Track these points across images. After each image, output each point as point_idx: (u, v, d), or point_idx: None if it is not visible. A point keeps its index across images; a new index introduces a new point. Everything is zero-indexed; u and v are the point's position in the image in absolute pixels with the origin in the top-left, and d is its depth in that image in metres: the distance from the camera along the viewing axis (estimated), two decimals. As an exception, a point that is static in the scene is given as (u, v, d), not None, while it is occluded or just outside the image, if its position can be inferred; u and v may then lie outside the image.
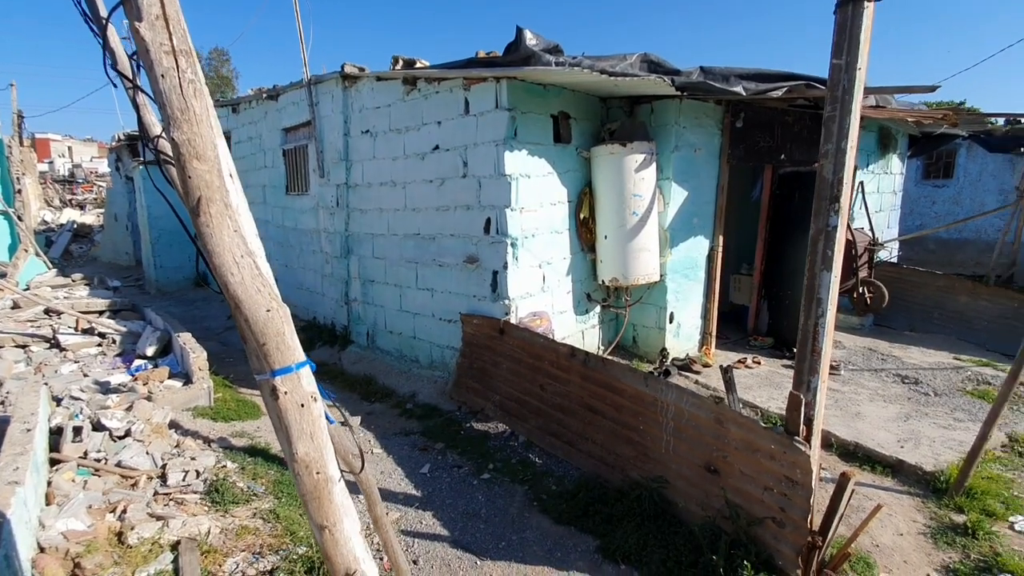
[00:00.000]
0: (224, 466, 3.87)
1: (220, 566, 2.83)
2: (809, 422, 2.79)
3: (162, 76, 1.25)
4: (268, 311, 1.38)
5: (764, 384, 5.43)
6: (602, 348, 6.11)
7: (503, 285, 4.97)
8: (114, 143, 13.81)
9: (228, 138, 9.56)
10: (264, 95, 7.85)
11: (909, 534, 3.33)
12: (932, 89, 4.75)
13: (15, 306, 7.04)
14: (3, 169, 11.40)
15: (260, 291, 1.39)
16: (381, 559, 2.88)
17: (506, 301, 4.97)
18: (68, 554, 2.60)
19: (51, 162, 34.11)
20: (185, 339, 5.47)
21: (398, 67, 5.96)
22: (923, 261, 9.92)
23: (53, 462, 3.48)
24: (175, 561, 2.77)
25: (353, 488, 1.91)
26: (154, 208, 10.70)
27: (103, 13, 1.63)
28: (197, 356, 5.07)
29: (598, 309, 6.01)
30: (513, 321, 4.96)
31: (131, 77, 1.54)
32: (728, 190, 6.10)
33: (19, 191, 11.37)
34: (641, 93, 5.36)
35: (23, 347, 5.94)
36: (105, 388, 4.81)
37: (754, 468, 2.93)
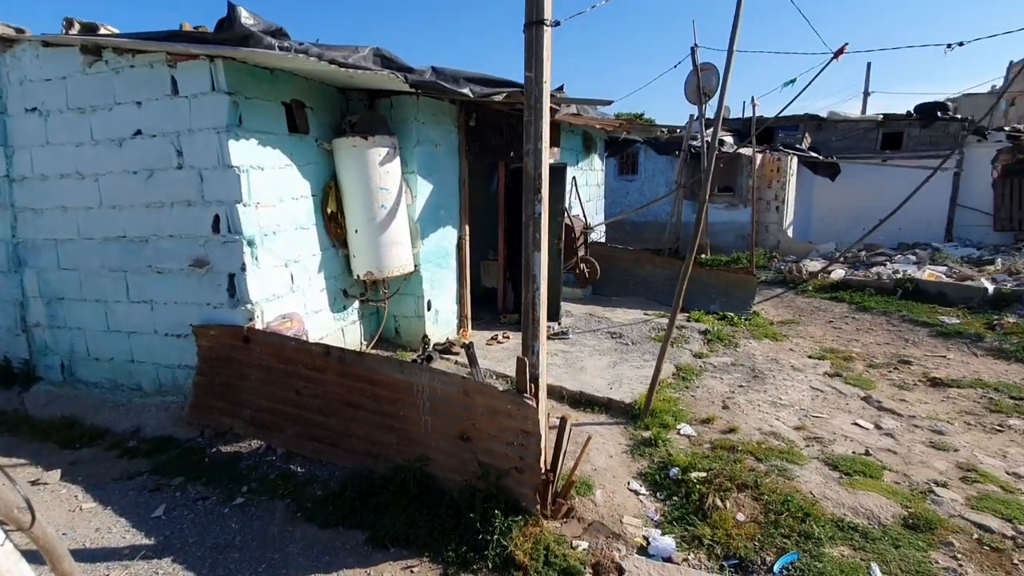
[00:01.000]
0: None
1: None
2: (536, 379, 3.29)
3: None
4: None
5: (511, 355, 6.13)
6: (365, 343, 6.06)
7: (243, 289, 4.51)
8: None
9: None
10: None
11: (616, 455, 4.22)
12: (609, 103, 5.97)
13: None
14: None
15: None
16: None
17: (248, 306, 4.52)
18: None
19: None
20: None
21: (73, 31, 4.79)
22: (622, 240, 12.43)
23: None
24: None
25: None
26: None
27: None
28: None
29: (357, 304, 5.93)
30: (259, 327, 4.55)
31: None
32: (469, 183, 6.64)
33: None
34: (379, 87, 5.41)
35: None
36: None
37: (497, 428, 3.33)
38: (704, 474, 3.83)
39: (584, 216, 7.40)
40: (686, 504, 3.61)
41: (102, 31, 4.80)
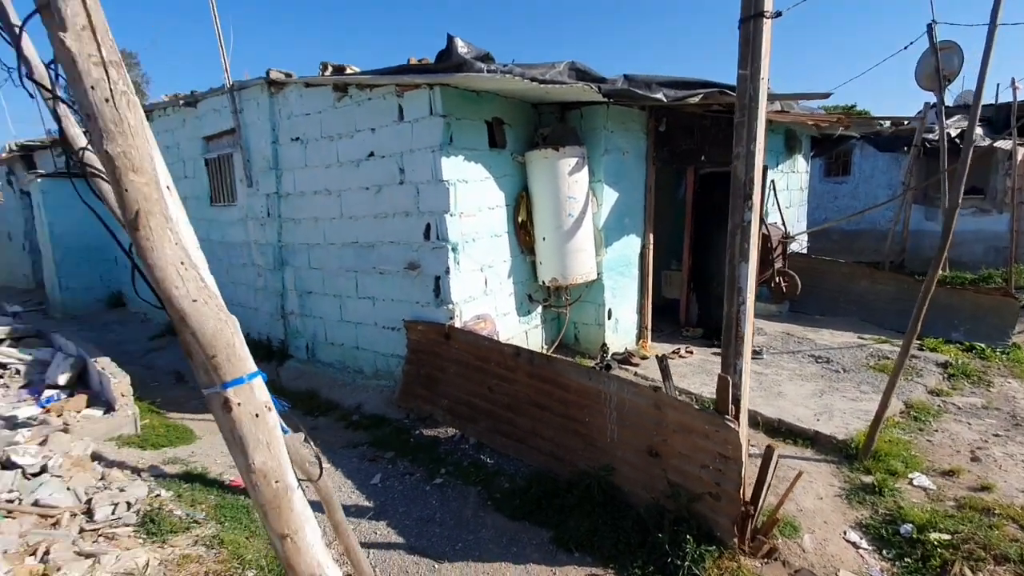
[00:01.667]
0: (158, 495, 3.65)
1: (162, 599, 2.68)
2: (737, 401, 3.03)
3: (92, 88, 1.22)
4: (216, 322, 1.37)
5: (696, 372, 5.78)
6: (545, 347, 6.26)
7: (446, 290, 5.00)
8: (4, 154, 12.51)
9: (141, 148, 8.96)
10: (181, 101, 7.44)
11: (827, 497, 3.68)
12: (826, 96, 5.27)
13: None
14: None
15: (207, 303, 1.37)
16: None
17: (450, 306, 5.00)
18: (-15, 604, 2.38)
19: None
20: (103, 364, 5.08)
21: (327, 73, 5.85)
22: (828, 251, 10.87)
23: (-44, 508, 3.15)
24: (111, 598, 2.60)
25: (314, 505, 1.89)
26: (57, 225, 9.83)
27: (15, 21, 1.54)
28: (119, 382, 4.74)
29: (540, 309, 6.16)
30: (458, 325, 5.00)
31: (50, 87, 1.47)
32: (655, 190, 6.45)
33: None
34: (571, 99, 5.56)
35: (-94, 385, 5.30)
36: (12, 423, 4.39)
37: (691, 448, 3.15)
38: (948, 537, 3.14)
39: (783, 224, 6.67)
40: (922, 569, 3.00)
41: (348, 71, 5.76)
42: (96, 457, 4.10)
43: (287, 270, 6.45)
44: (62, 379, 5.22)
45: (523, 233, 5.78)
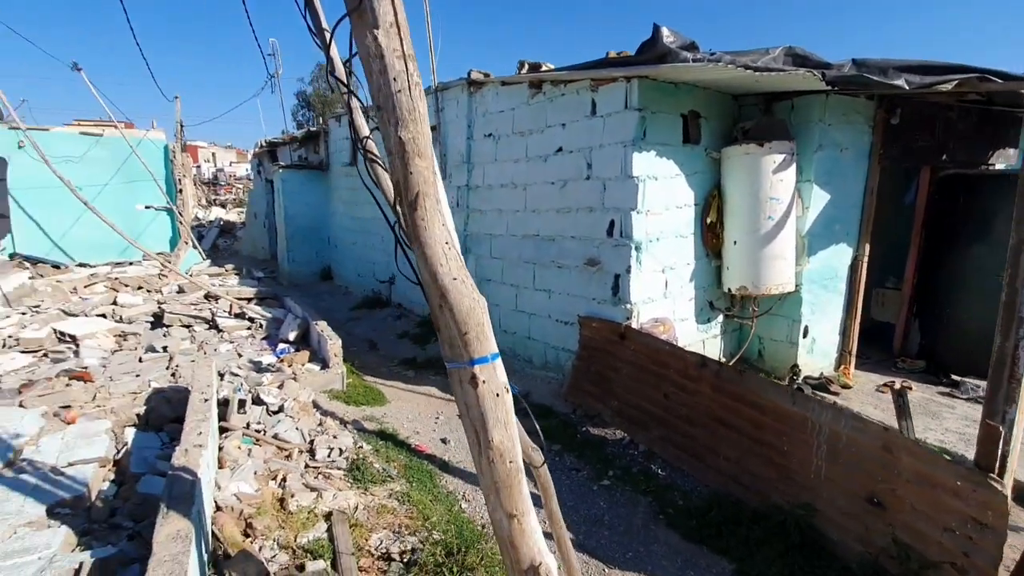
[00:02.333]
0: (361, 447, 4.15)
1: (366, 540, 3.02)
2: (1004, 457, 2.43)
3: (394, 79, 1.34)
4: (471, 301, 1.44)
5: (918, 412, 4.83)
6: (723, 359, 5.78)
7: (625, 289, 4.88)
8: (256, 149, 15.44)
9: (354, 142, 10.32)
10: (392, 102, 8.35)
11: None
12: None
13: (180, 290, 8.09)
14: (168, 172, 13.16)
15: (464, 281, 1.45)
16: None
17: (627, 305, 4.86)
18: (242, 514, 2.91)
19: (198, 166, 38.73)
20: (322, 327, 5.95)
21: (524, 71, 6.07)
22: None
23: (222, 430, 3.93)
24: (329, 530, 3.00)
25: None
26: (290, 208, 11.80)
27: (326, 26, 1.81)
28: (333, 343, 5.50)
29: (721, 318, 5.70)
30: (634, 326, 4.84)
31: (346, 82, 1.68)
32: (877, 193, 5.53)
33: (180, 191, 13.06)
34: (783, 89, 5.01)
35: (188, 327, 6.80)
36: (258, 367, 5.37)
37: (931, 505, 2.60)
38: None
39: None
40: None
41: (543, 68, 5.91)
42: (315, 405, 4.81)
43: (469, 258, 6.88)
44: (291, 335, 6.24)
45: (710, 235, 5.38)
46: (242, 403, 4.11)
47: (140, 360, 5.66)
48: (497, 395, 1.46)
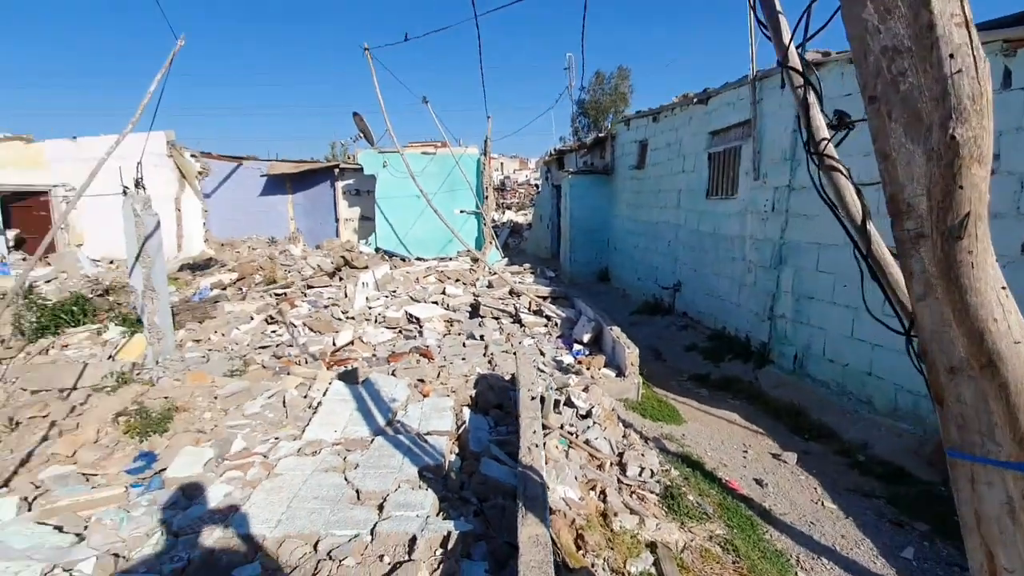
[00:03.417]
0: (668, 470, 3.89)
1: (696, 588, 2.72)
2: None
3: (950, 56, 0.95)
4: (1041, 378, 0.95)
5: None
6: None
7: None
8: (546, 157, 16.85)
9: (645, 146, 10.18)
10: (694, 99, 7.89)
11: None
12: None
13: (489, 285, 9.22)
14: (478, 181, 15.37)
15: (1029, 347, 0.97)
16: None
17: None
18: (573, 523, 2.92)
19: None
20: (616, 333, 5.93)
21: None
22: None
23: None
24: (656, 565, 2.80)
25: None
26: (575, 211, 12.44)
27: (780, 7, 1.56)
28: (631, 352, 5.39)
29: None
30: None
31: (803, 73, 1.37)
32: None
33: (486, 198, 15.13)
34: None
35: (497, 319, 7.65)
36: (560, 366, 5.63)
37: None
38: None
39: None
40: None
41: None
42: (613, 413, 4.77)
43: (784, 270, 5.97)
44: (585, 337, 6.41)
45: None
46: (556, 403, 4.28)
47: (464, 345, 6.57)
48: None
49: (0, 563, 2.52)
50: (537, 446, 3.14)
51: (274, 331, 7.04)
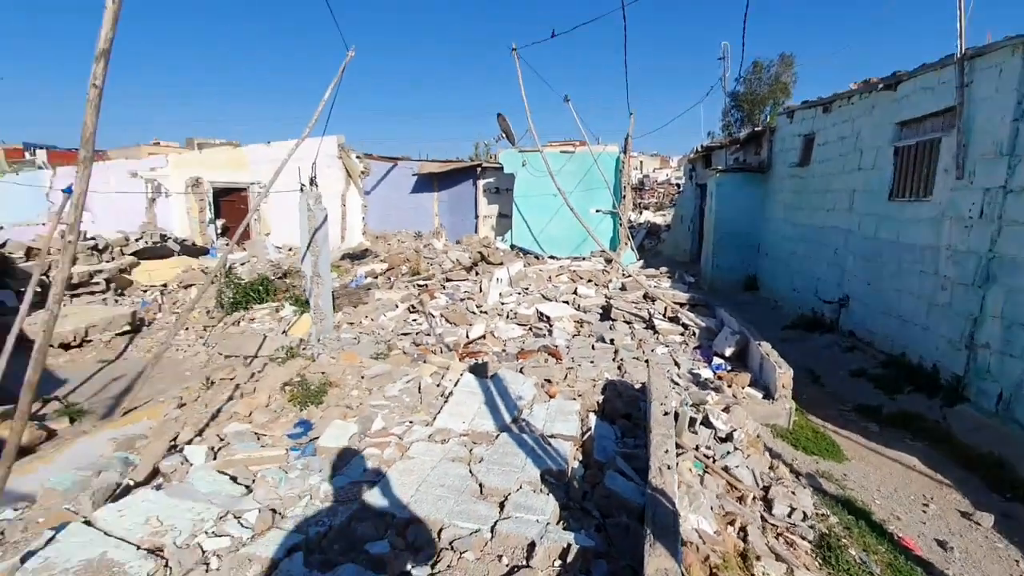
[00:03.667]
0: (824, 515, 3.36)
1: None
2: None
3: None
4: None
5: None
6: None
7: None
8: (692, 155, 15.87)
9: (810, 140, 9.06)
10: (879, 85, 6.79)
11: None
12: None
13: (622, 288, 8.91)
14: (616, 180, 14.97)
15: None
16: None
17: None
18: (707, 560, 2.64)
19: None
20: (766, 349, 5.32)
21: None
22: None
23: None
24: (805, 625, 2.42)
25: None
26: (721, 212, 11.52)
27: None
28: (783, 372, 4.80)
29: None
30: None
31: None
32: None
33: (624, 197, 14.68)
34: None
35: (628, 323, 7.35)
36: (697, 380, 5.22)
37: None
38: None
39: None
40: None
41: None
42: (758, 439, 4.27)
43: (992, 289, 4.86)
44: (728, 351, 5.87)
45: None
46: (692, 421, 3.95)
47: (593, 348, 6.41)
48: None
49: (188, 502, 2.98)
50: (669, 468, 2.90)
51: (415, 319, 7.53)
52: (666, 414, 3.58)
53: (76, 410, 5.25)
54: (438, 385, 4.88)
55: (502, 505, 3.02)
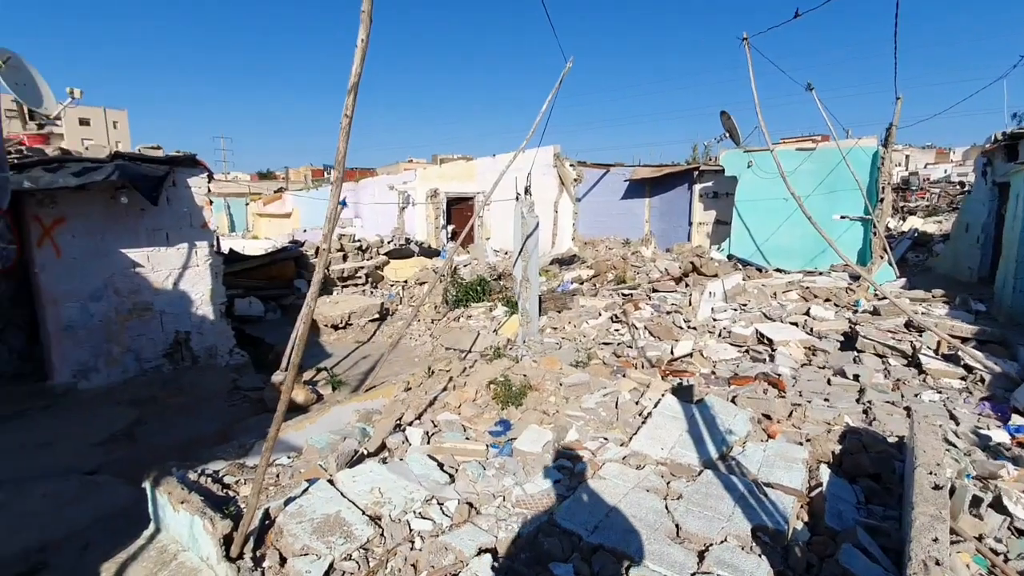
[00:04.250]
0: None
1: None
2: None
3: None
4: None
5: None
6: None
7: None
8: (988, 145, 12.27)
9: None
10: None
11: None
12: None
13: (874, 311, 7.31)
14: (872, 180, 12.39)
15: None
16: None
17: None
18: None
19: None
20: None
21: None
22: None
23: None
24: None
25: None
26: (1034, 220, 8.62)
27: None
28: None
29: None
30: None
31: None
32: None
33: (881, 200, 12.08)
34: None
35: (882, 356, 5.97)
36: (985, 445, 3.93)
37: None
38: None
39: None
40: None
41: None
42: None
43: None
44: (1039, 411, 4.30)
45: None
46: (977, 501, 2.96)
47: (828, 382, 5.36)
48: None
49: (403, 480, 3.34)
50: (939, 563, 2.18)
51: (617, 330, 7.35)
52: (937, 487, 2.73)
53: (337, 380, 6.45)
54: (637, 403, 4.63)
55: (701, 556, 2.67)
